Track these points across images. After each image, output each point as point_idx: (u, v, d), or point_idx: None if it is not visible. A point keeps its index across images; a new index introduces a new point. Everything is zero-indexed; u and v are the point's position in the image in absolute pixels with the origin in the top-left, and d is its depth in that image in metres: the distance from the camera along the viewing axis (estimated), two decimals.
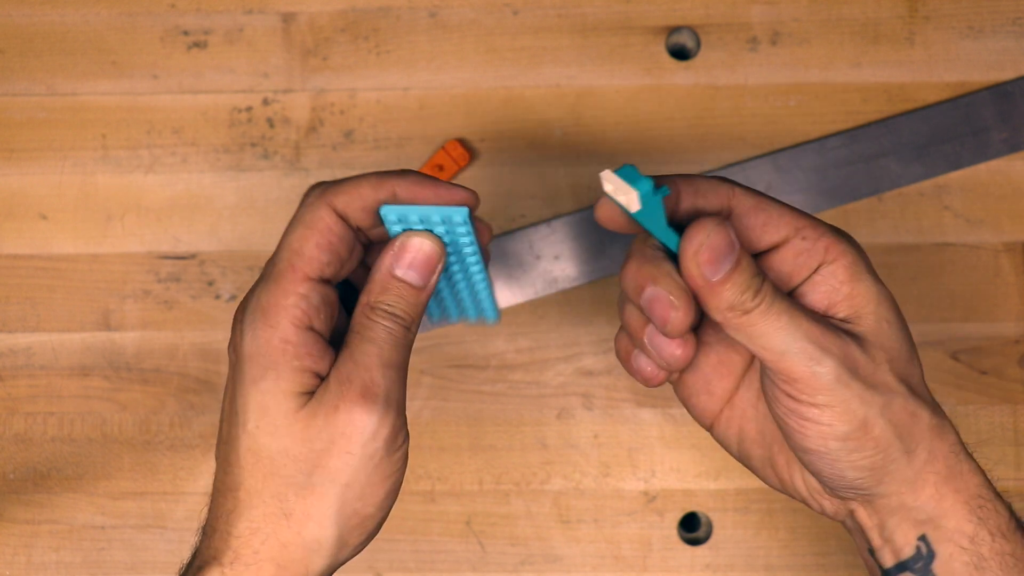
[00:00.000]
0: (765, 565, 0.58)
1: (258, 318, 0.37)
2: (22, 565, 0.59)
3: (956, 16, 0.60)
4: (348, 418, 0.36)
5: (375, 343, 0.37)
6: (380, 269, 0.39)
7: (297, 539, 0.37)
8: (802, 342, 0.36)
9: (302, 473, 0.37)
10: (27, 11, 0.60)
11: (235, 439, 0.38)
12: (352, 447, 0.36)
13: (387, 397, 0.37)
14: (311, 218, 0.38)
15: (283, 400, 0.37)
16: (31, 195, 0.60)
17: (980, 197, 0.59)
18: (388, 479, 0.38)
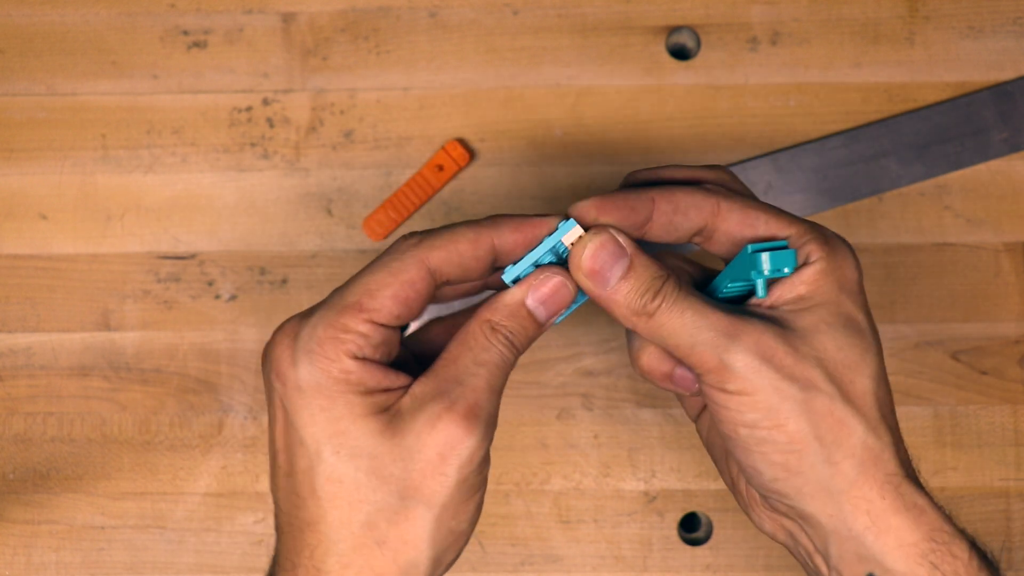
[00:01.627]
0: (765, 565, 0.58)
1: (314, 349, 0.35)
2: (22, 565, 0.59)
3: (956, 16, 0.60)
4: (446, 437, 0.35)
5: (487, 367, 0.36)
6: (514, 295, 0.38)
7: (392, 567, 0.35)
8: (708, 332, 0.36)
9: (394, 496, 0.35)
10: (27, 11, 0.60)
11: (309, 471, 0.35)
12: (449, 469, 0.35)
13: (487, 419, 0.36)
14: (398, 267, 0.36)
15: (362, 423, 0.35)
16: (31, 195, 0.60)
17: (981, 197, 0.59)
18: (477, 494, 0.37)
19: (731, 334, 0.35)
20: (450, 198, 0.60)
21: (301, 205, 0.60)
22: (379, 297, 0.36)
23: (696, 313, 0.36)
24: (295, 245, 0.60)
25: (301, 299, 0.59)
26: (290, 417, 0.36)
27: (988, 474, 0.58)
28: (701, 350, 0.36)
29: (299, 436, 0.36)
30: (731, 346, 0.35)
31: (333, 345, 0.35)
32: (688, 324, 0.36)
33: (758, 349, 0.35)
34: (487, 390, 0.36)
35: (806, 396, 0.35)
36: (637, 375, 0.49)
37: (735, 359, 0.35)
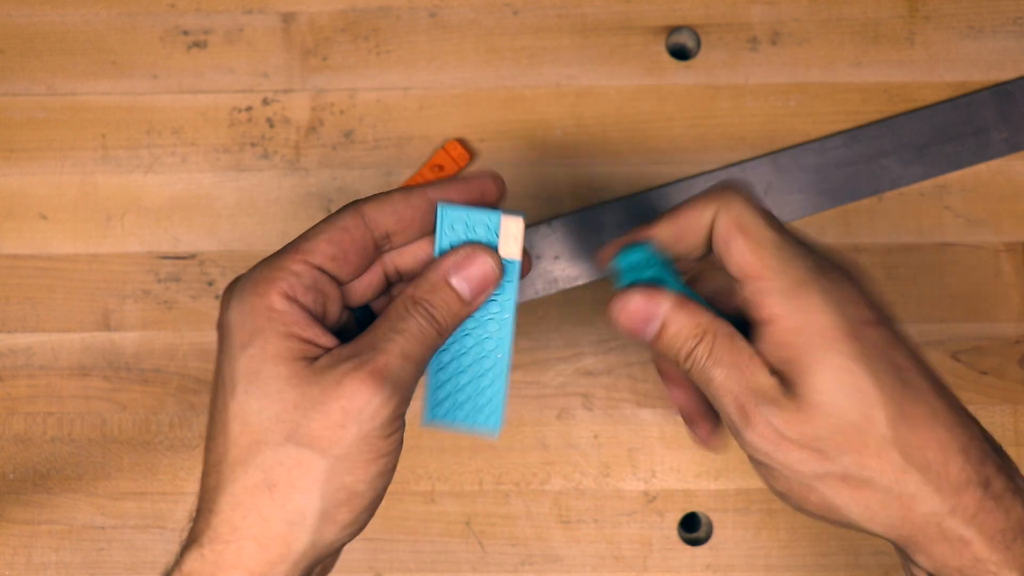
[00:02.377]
0: (765, 565, 0.58)
1: (246, 288, 0.37)
2: (22, 565, 0.59)
3: (956, 16, 0.60)
4: (351, 393, 0.35)
5: (403, 334, 0.37)
6: (437, 270, 0.38)
7: (280, 512, 0.35)
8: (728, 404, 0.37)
9: (291, 441, 0.35)
10: (27, 11, 0.60)
11: (223, 408, 0.36)
12: (348, 422, 0.35)
13: (396, 382, 0.36)
14: (333, 217, 0.38)
15: (275, 364, 0.36)
16: (31, 195, 0.60)
17: (981, 197, 0.59)
18: (381, 458, 0.36)
19: (745, 414, 0.36)
20: None
21: (301, 205, 0.60)
22: (313, 240, 0.38)
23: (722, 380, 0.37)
24: None
25: None
26: (220, 358, 0.37)
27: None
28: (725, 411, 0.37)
29: (220, 375, 0.37)
30: (745, 429, 0.36)
31: (265, 283, 0.37)
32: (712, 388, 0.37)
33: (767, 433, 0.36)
34: (399, 355, 0.36)
35: (821, 475, 0.36)
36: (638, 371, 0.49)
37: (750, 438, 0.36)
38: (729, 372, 0.36)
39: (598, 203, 0.59)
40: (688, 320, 0.37)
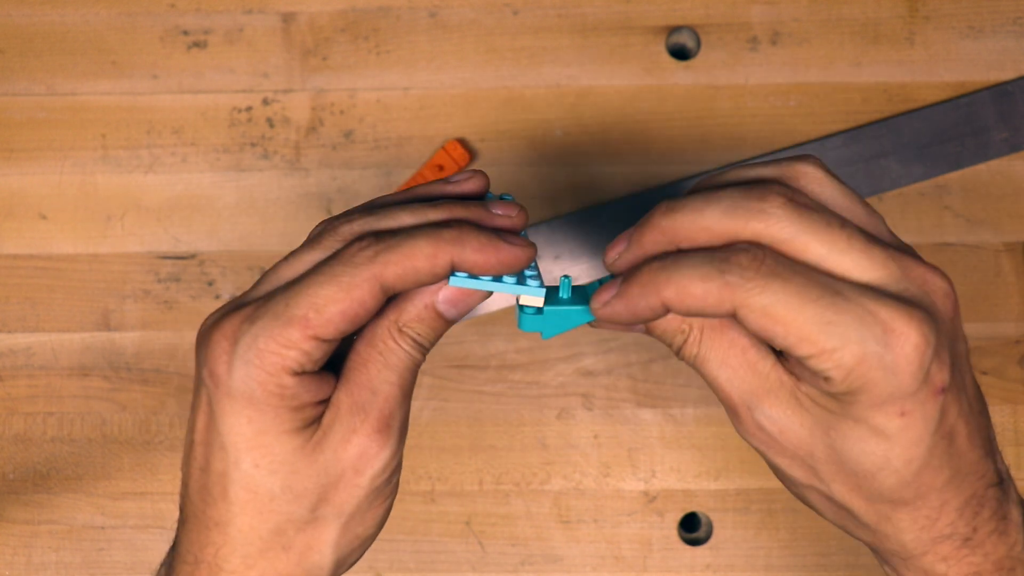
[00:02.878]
0: (765, 565, 0.58)
1: (252, 360, 0.34)
2: (22, 565, 0.59)
3: (956, 16, 0.60)
4: (360, 451, 0.35)
5: (396, 371, 0.36)
6: (423, 297, 0.36)
7: (296, 570, 0.36)
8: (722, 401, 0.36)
9: (305, 509, 0.35)
10: (27, 11, 0.60)
11: (224, 475, 0.35)
12: (361, 480, 0.35)
13: (398, 426, 0.36)
14: (349, 282, 0.34)
15: (286, 439, 0.35)
16: (31, 195, 0.60)
17: (980, 197, 0.59)
18: (387, 500, 0.37)
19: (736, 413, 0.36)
20: None
21: (301, 205, 0.60)
22: (326, 313, 0.34)
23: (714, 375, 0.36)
24: (295, 245, 0.59)
25: None
26: (215, 418, 0.35)
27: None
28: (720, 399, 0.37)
29: (220, 440, 0.35)
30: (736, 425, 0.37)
31: (273, 359, 0.34)
32: (707, 381, 0.37)
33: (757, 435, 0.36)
34: (399, 396, 0.36)
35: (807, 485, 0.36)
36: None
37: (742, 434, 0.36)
38: (720, 369, 0.36)
39: (598, 203, 0.59)
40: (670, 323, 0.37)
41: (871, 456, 0.33)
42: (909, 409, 0.32)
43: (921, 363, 0.32)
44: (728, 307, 0.32)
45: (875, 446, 0.33)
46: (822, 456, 0.34)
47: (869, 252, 0.32)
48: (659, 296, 0.33)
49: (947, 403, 0.33)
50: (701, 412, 0.59)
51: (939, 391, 0.33)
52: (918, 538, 0.35)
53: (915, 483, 0.34)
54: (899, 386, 0.32)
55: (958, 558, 0.35)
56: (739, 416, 0.36)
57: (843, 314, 0.31)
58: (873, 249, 0.33)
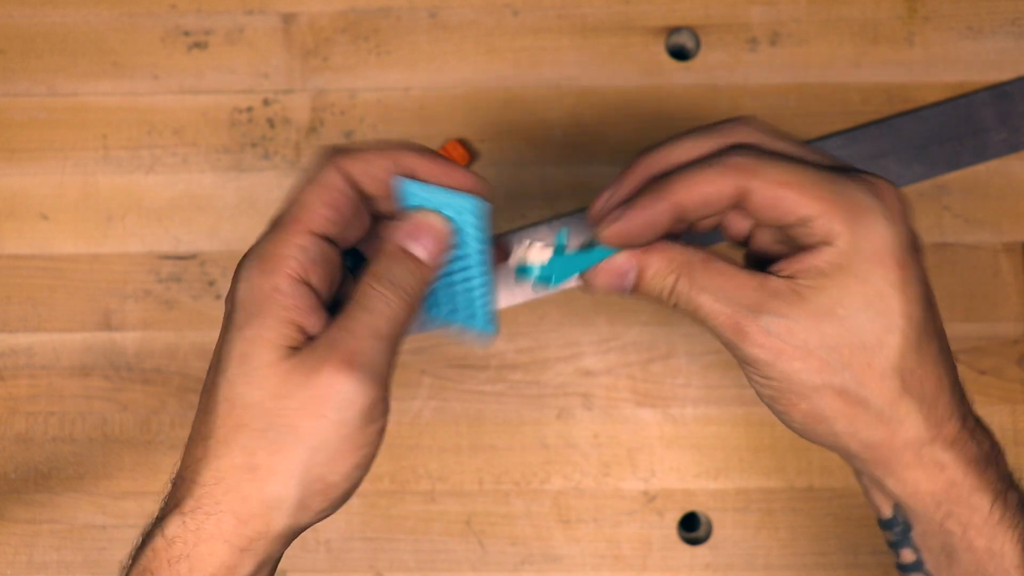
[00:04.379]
0: (765, 565, 0.59)
1: (254, 265, 0.37)
2: (23, 565, 0.59)
3: (955, 16, 0.60)
4: (327, 382, 0.36)
5: (371, 312, 0.37)
6: (389, 240, 0.38)
7: (259, 494, 0.36)
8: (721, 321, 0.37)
9: (272, 428, 0.36)
10: (28, 11, 0.60)
11: (215, 386, 0.37)
12: (326, 411, 0.36)
13: (371, 367, 0.36)
14: (320, 176, 0.38)
15: (264, 350, 0.36)
16: (32, 195, 0.60)
17: (979, 197, 0.59)
18: (359, 450, 0.37)
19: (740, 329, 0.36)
20: None
21: None
22: (309, 205, 0.38)
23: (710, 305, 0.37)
24: None
25: None
26: (221, 334, 0.38)
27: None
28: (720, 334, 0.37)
29: (218, 355, 0.37)
30: (742, 344, 0.36)
31: (272, 260, 0.37)
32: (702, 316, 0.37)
33: (766, 343, 0.36)
34: (370, 336, 0.36)
35: (818, 385, 0.36)
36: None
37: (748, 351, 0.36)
38: (715, 295, 0.37)
39: None
40: (661, 258, 0.38)
41: (877, 318, 0.35)
42: (905, 261, 0.36)
43: (904, 216, 0.36)
44: (738, 187, 0.36)
45: (880, 306, 0.35)
46: (832, 341, 0.36)
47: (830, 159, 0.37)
48: (668, 199, 0.37)
49: (925, 267, 0.37)
50: (701, 412, 0.59)
51: (921, 250, 0.37)
52: (927, 417, 0.36)
53: (917, 347, 0.36)
54: (896, 234, 0.36)
55: (960, 443, 0.37)
56: (744, 331, 0.36)
57: (840, 176, 0.36)
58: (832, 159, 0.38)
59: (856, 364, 0.36)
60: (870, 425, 0.37)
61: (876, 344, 0.36)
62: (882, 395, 0.36)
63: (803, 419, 0.37)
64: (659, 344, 0.59)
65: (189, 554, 0.36)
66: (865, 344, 0.36)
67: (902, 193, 0.37)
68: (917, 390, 0.36)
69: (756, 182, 0.36)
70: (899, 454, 0.37)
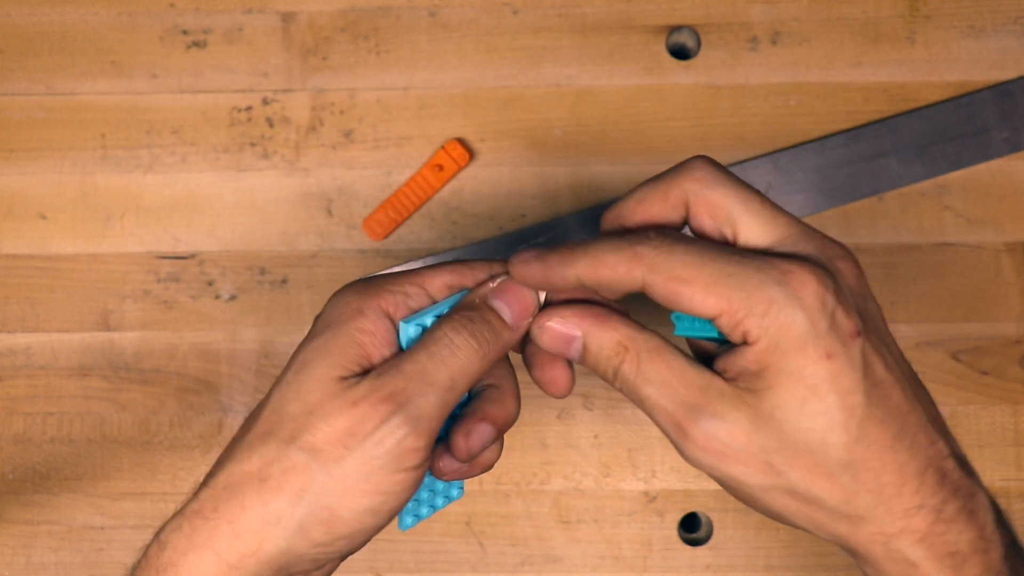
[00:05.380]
0: (766, 566, 0.58)
1: (355, 288, 0.37)
2: (21, 566, 0.59)
3: (957, 15, 0.60)
4: (362, 414, 0.34)
5: (431, 357, 0.36)
6: (474, 294, 0.38)
7: (259, 507, 0.35)
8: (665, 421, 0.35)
9: (296, 443, 0.35)
10: (26, 10, 0.60)
11: (269, 392, 0.37)
12: (351, 442, 0.34)
13: (413, 411, 0.35)
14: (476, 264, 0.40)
15: (321, 363, 0.35)
16: (30, 195, 0.60)
17: (981, 197, 0.59)
18: (377, 494, 0.35)
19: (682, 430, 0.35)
20: (450, 198, 0.59)
21: (301, 205, 0.60)
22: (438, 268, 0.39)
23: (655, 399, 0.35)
24: (295, 245, 0.60)
25: (301, 299, 0.59)
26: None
27: (989, 474, 0.58)
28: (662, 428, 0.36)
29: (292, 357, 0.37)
30: (684, 445, 0.35)
31: (372, 292, 0.37)
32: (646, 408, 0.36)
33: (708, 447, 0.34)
34: (422, 382, 0.35)
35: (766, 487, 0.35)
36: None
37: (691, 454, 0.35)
38: (660, 390, 0.35)
39: (598, 203, 0.59)
40: (608, 336, 0.36)
41: (815, 417, 0.33)
42: (832, 350, 0.33)
43: (824, 302, 0.33)
44: (637, 276, 0.35)
45: (816, 404, 0.33)
46: (773, 444, 0.34)
47: (774, 212, 0.35)
48: (574, 267, 0.36)
49: (867, 351, 0.34)
50: None
51: (854, 334, 0.34)
52: (889, 510, 0.34)
53: (864, 438, 0.34)
54: (813, 324, 0.33)
55: (933, 536, 0.34)
56: (686, 432, 0.35)
57: (744, 266, 0.34)
58: (777, 212, 0.35)
59: (801, 466, 0.34)
60: (831, 521, 0.35)
61: (819, 444, 0.34)
62: (834, 494, 0.34)
63: (766, 512, 0.36)
64: None
65: (177, 563, 0.35)
66: (808, 445, 0.34)
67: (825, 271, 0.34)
68: (872, 483, 0.34)
69: (655, 276, 0.34)
70: (868, 548, 0.35)
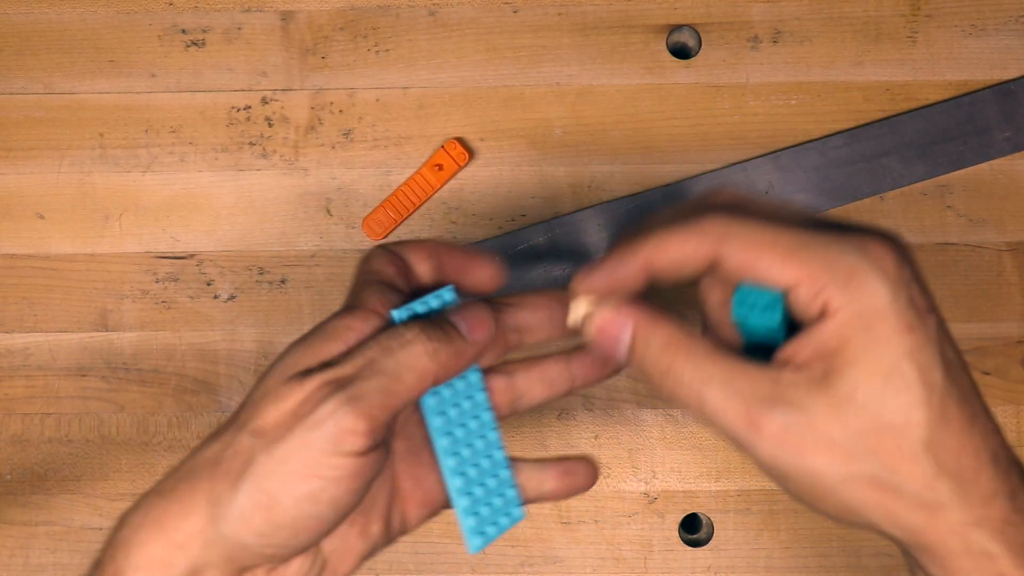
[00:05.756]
0: (766, 567, 0.58)
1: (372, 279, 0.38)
2: (19, 567, 0.58)
3: (959, 14, 0.59)
4: (306, 395, 0.34)
5: (379, 345, 0.36)
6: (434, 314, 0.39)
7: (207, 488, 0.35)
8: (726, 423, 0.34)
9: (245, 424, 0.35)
10: (24, 9, 0.60)
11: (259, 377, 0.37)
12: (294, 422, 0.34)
13: (354, 391, 0.34)
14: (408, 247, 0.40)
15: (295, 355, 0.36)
16: (28, 194, 0.60)
17: (983, 197, 0.59)
18: (316, 478, 0.34)
19: (754, 424, 0.33)
20: (449, 197, 0.59)
21: (300, 205, 0.59)
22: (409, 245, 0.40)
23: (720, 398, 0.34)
24: (294, 245, 0.59)
25: (300, 299, 0.59)
26: None
27: None
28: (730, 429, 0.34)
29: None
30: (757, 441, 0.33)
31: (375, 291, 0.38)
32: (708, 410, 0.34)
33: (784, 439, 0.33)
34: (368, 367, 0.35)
35: (845, 478, 0.33)
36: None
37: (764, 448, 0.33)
38: (724, 389, 0.34)
39: (598, 203, 0.59)
40: (661, 333, 0.35)
41: (898, 394, 0.32)
42: (913, 323, 0.32)
43: (902, 274, 0.32)
44: (709, 252, 0.33)
45: (898, 380, 0.32)
46: (855, 428, 0.32)
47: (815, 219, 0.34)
48: (639, 256, 0.34)
49: (940, 330, 0.33)
50: None
51: (929, 309, 0.33)
52: (968, 496, 0.33)
53: (944, 416, 0.32)
54: (895, 295, 0.32)
55: (1009, 527, 0.33)
56: (760, 427, 0.33)
57: (821, 235, 0.33)
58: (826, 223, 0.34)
59: (884, 449, 0.33)
60: (907, 512, 0.33)
61: (903, 423, 0.32)
62: (916, 478, 0.33)
63: (836, 512, 0.34)
64: None
65: (129, 540, 0.35)
66: (892, 425, 0.32)
67: (900, 245, 0.34)
68: (953, 467, 0.33)
69: (730, 247, 0.33)
70: (943, 540, 0.33)
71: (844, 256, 0.32)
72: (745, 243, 0.33)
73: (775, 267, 0.33)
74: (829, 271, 0.32)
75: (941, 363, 0.33)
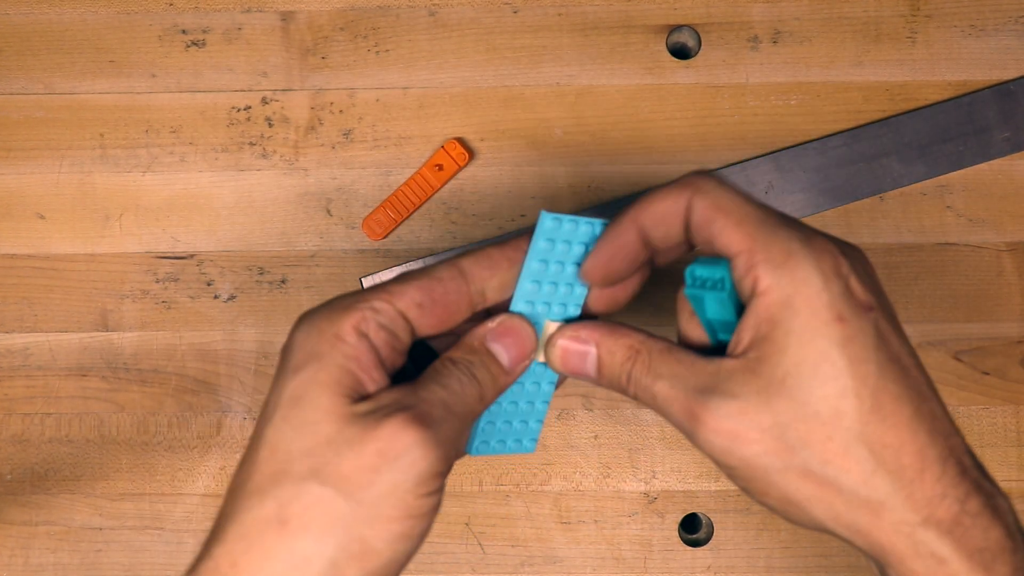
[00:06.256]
0: (766, 567, 0.58)
1: (320, 314, 0.35)
2: (19, 567, 0.58)
3: (958, 15, 0.59)
4: (391, 435, 0.33)
5: (445, 388, 0.35)
6: (475, 335, 0.37)
7: (285, 552, 0.32)
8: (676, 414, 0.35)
9: (316, 477, 0.32)
10: (25, 9, 0.60)
11: (258, 434, 0.34)
12: (382, 466, 0.32)
13: (439, 433, 0.34)
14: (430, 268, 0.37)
15: (320, 394, 0.33)
16: (28, 194, 0.60)
17: (982, 197, 0.59)
18: (409, 519, 0.33)
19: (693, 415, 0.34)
20: (449, 198, 0.59)
21: (300, 205, 0.59)
22: (404, 284, 0.36)
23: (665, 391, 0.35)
24: (294, 245, 0.59)
25: (300, 299, 0.59)
26: (272, 382, 0.35)
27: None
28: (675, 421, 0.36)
29: (267, 399, 0.35)
30: (698, 431, 0.35)
31: (340, 312, 0.35)
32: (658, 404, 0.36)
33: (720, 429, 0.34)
34: (442, 406, 0.35)
35: (781, 468, 0.33)
36: None
37: (705, 438, 0.34)
38: (671, 382, 0.35)
39: (598, 203, 0.59)
40: (619, 343, 0.37)
41: (827, 383, 0.32)
42: (845, 315, 0.32)
43: (839, 269, 0.33)
44: (685, 202, 0.35)
45: (827, 368, 0.32)
46: (786, 417, 0.33)
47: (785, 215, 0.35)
48: (629, 219, 0.36)
49: (882, 327, 0.33)
50: None
51: (868, 307, 0.33)
52: (911, 495, 0.32)
53: (878, 409, 0.32)
54: (827, 285, 0.32)
55: (960, 530, 0.32)
56: (697, 417, 0.34)
57: (778, 219, 0.34)
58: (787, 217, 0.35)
59: (815, 440, 0.32)
60: (849, 509, 0.33)
61: (831, 413, 0.32)
62: (851, 473, 0.32)
63: (779, 506, 0.34)
64: None
65: None
66: (820, 415, 0.32)
67: (850, 248, 0.34)
68: (892, 464, 0.32)
69: (698, 199, 0.35)
70: (891, 541, 0.33)
71: (787, 241, 0.33)
72: (711, 200, 0.34)
73: (725, 232, 0.34)
74: (767, 249, 0.33)
75: (876, 357, 0.33)
